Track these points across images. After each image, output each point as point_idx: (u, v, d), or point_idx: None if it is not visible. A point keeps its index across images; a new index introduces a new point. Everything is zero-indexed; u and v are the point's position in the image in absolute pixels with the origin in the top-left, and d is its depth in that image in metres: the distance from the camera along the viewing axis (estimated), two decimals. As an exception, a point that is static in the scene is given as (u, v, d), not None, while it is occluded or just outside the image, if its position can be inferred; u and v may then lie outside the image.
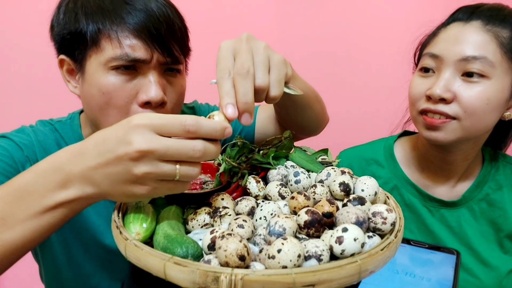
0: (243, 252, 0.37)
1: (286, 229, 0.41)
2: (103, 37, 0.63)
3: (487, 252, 0.79)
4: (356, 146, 0.94)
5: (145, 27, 0.62)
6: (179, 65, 0.69)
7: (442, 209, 0.82)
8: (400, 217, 0.48)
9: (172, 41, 0.66)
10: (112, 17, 0.62)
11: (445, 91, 0.69)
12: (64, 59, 0.68)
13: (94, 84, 0.64)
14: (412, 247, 0.66)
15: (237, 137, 0.63)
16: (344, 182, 0.50)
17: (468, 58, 0.68)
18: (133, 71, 0.64)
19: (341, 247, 0.40)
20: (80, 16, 0.64)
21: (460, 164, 0.81)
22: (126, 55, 0.62)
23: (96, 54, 0.64)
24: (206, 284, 0.36)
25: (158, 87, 0.64)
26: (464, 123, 0.70)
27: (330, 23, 1.38)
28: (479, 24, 0.70)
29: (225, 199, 0.50)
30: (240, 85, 0.46)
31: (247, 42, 0.50)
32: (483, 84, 0.69)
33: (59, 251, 0.75)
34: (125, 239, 0.42)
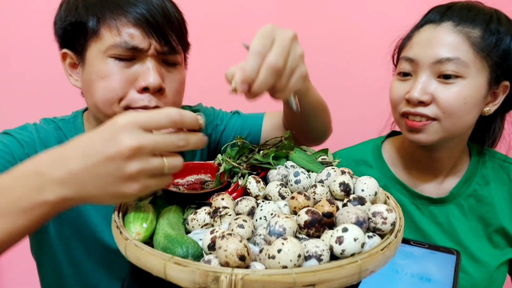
0: (243, 252, 0.37)
1: (286, 229, 0.41)
2: (103, 26, 0.65)
3: (477, 248, 0.80)
4: (346, 148, 0.95)
5: (144, 17, 0.64)
6: (176, 55, 0.70)
7: (430, 206, 0.83)
8: (400, 217, 0.48)
9: (170, 31, 0.67)
10: (112, 7, 0.65)
11: (423, 94, 0.71)
12: (66, 53, 0.70)
13: (94, 70, 0.66)
14: (412, 247, 0.66)
15: (237, 137, 0.63)
16: (344, 182, 0.50)
17: (442, 60, 0.70)
18: (131, 60, 0.66)
19: (341, 247, 0.40)
20: (80, 8, 0.66)
21: (446, 161, 0.82)
22: (125, 42, 0.64)
23: (96, 43, 0.66)
24: (206, 284, 0.36)
25: (156, 74, 0.65)
26: (444, 124, 0.72)
27: (323, 22, 1.38)
28: (450, 25, 0.72)
29: (225, 199, 0.50)
30: (264, 75, 0.49)
31: (291, 41, 0.52)
32: (459, 84, 0.70)
33: (59, 249, 0.75)
34: (125, 239, 0.42)
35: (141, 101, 0.66)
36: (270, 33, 0.51)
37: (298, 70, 0.54)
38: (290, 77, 0.53)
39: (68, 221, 0.73)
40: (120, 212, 0.49)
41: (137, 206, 0.50)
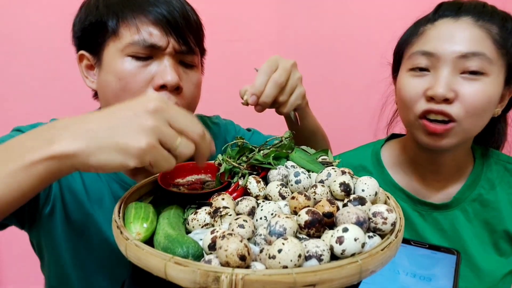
0: (244, 252, 0.37)
1: (287, 229, 0.41)
2: (122, 26, 0.66)
3: (482, 256, 0.77)
4: (343, 153, 0.91)
5: (163, 16, 0.65)
6: (194, 56, 0.71)
7: (434, 213, 0.79)
8: (400, 217, 0.48)
9: (188, 31, 0.68)
10: (132, 7, 0.66)
11: (448, 91, 0.66)
12: (83, 54, 0.71)
13: (111, 70, 0.66)
14: (413, 247, 0.66)
15: (237, 137, 0.63)
16: (345, 182, 0.50)
17: (467, 54, 0.66)
18: (148, 59, 0.66)
19: (342, 247, 0.40)
20: (101, 8, 0.68)
21: (449, 165, 0.79)
22: (143, 40, 0.65)
23: (114, 42, 0.66)
24: (206, 284, 0.36)
25: (174, 72, 0.66)
26: (464, 125, 0.68)
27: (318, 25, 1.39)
28: (470, 20, 0.69)
29: (226, 199, 0.50)
30: (269, 88, 0.64)
31: (291, 66, 0.68)
32: (483, 81, 0.67)
33: (64, 249, 0.75)
34: (126, 239, 0.42)
35: None
36: (276, 60, 0.66)
37: (297, 89, 0.69)
38: (290, 94, 0.68)
39: (76, 222, 0.73)
40: (121, 212, 0.49)
41: (138, 206, 0.50)
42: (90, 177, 0.74)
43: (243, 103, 0.65)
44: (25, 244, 0.82)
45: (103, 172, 0.44)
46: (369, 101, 1.41)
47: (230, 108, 0.97)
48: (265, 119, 1.29)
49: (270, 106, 0.69)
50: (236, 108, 1.01)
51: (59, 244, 0.74)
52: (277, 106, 0.68)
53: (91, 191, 0.74)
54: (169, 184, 0.60)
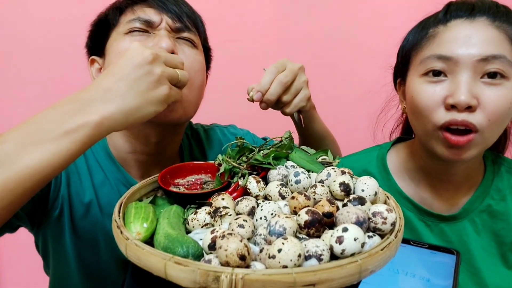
0: (244, 251, 0.38)
1: (287, 229, 0.41)
2: (122, 15, 0.72)
3: (489, 269, 0.73)
4: (348, 156, 0.88)
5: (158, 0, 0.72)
6: (190, 33, 0.74)
7: (441, 223, 0.75)
8: (400, 217, 0.48)
9: (181, 10, 0.73)
10: (134, 1, 0.73)
11: (471, 98, 0.62)
12: (94, 59, 0.77)
13: (112, 51, 0.71)
14: (412, 247, 0.66)
15: (238, 138, 0.63)
16: (344, 182, 0.50)
17: (488, 57, 0.62)
18: (145, 32, 0.71)
19: (341, 247, 0.40)
20: (108, 10, 0.75)
21: (461, 175, 0.74)
22: (138, 17, 0.70)
23: (115, 29, 0.72)
24: (206, 283, 0.36)
25: (168, 39, 0.69)
26: (485, 134, 0.64)
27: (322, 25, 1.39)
28: (486, 20, 0.64)
29: (226, 199, 0.50)
30: (274, 86, 0.68)
31: (298, 69, 0.71)
32: (505, 86, 0.63)
33: (71, 254, 0.75)
34: (126, 239, 0.42)
35: None
36: (284, 62, 0.70)
37: (302, 91, 0.71)
38: (295, 95, 0.71)
39: (84, 228, 0.74)
40: (121, 211, 0.49)
41: (138, 206, 0.50)
42: (99, 181, 0.75)
43: (248, 99, 0.69)
44: (26, 245, 0.82)
45: (140, 122, 0.53)
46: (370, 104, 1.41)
47: (231, 108, 0.97)
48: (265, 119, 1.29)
49: (275, 106, 0.72)
50: (237, 107, 1.01)
51: (66, 249, 0.74)
52: (282, 106, 0.71)
53: (101, 197, 0.75)
54: (169, 184, 0.60)
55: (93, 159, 0.76)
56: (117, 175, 0.76)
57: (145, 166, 0.78)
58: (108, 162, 0.76)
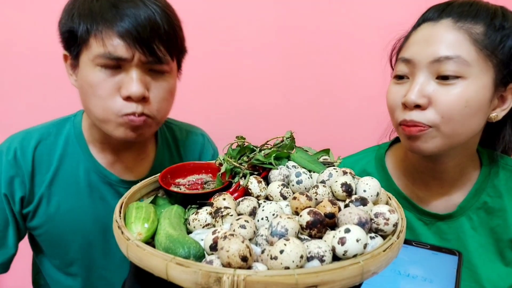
0: (245, 252, 0.37)
1: (288, 230, 0.41)
2: (91, 36, 0.68)
3: (486, 266, 0.74)
4: (347, 157, 0.88)
5: (127, 30, 0.66)
6: (163, 65, 0.71)
7: (438, 222, 0.77)
8: (402, 218, 0.48)
9: (156, 42, 0.69)
10: (99, 19, 0.67)
11: (420, 97, 0.66)
12: (66, 55, 0.75)
13: (83, 77, 0.70)
14: (414, 248, 0.66)
15: (238, 137, 0.63)
16: (346, 183, 0.50)
17: (441, 58, 0.64)
18: (117, 69, 0.69)
19: (344, 248, 0.39)
20: (75, 16, 0.70)
21: (452, 171, 0.76)
22: (109, 53, 0.67)
23: (86, 50, 0.69)
24: (208, 284, 0.36)
25: (139, 83, 0.68)
26: (444, 130, 0.66)
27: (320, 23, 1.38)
28: (449, 22, 0.67)
29: (227, 199, 0.50)
30: None
31: None
32: (460, 85, 0.64)
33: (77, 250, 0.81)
34: (127, 239, 0.42)
35: (128, 108, 0.69)
36: None
37: None
38: None
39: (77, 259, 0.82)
40: (122, 212, 0.49)
41: (139, 206, 0.50)
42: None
43: None
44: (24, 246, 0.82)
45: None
46: (371, 104, 1.41)
47: (230, 108, 0.96)
48: (266, 119, 1.29)
49: None
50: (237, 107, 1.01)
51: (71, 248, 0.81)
52: None
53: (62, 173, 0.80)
54: (170, 183, 0.60)
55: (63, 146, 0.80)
56: (87, 163, 0.80)
57: (117, 151, 0.82)
58: (81, 150, 0.80)
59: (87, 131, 0.81)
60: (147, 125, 0.72)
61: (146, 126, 0.72)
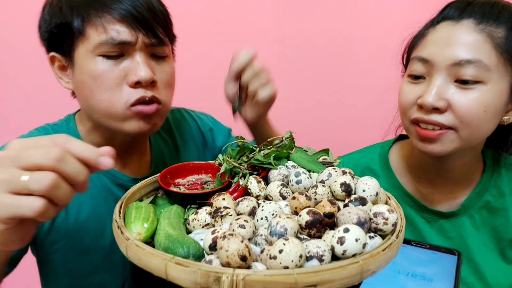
0: (245, 252, 0.37)
1: (288, 230, 0.41)
2: (88, 26, 0.65)
3: (489, 264, 0.75)
4: (351, 153, 0.89)
5: (129, 11, 0.65)
6: (164, 47, 0.70)
7: (440, 220, 0.77)
8: (401, 217, 0.48)
9: (155, 23, 0.68)
10: (96, 6, 0.65)
11: (438, 100, 0.64)
12: (54, 56, 0.70)
13: (84, 71, 0.66)
14: (414, 248, 0.66)
15: (238, 137, 0.63)
16: (345, 183, 0.50)
17: (461, 62, 0.63)
18: (120, 57, 0.66)
19: (343, 248, 0.39)
20: (65, 9, 0.66)
21: (458, 171, 0.76)
22: (111, 39, 0.64)
23: (83, 43, 0.66)
24: (207, 284, 0.36)
25: (147, 67, 0.66)
26: (462, 133, 0.65)
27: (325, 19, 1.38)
28: (471, 23, 0.65)
29: (226, 199, 0.50)
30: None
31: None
32: (479, 90, 0.63)
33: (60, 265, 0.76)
34: (126, 239, 0.42)
35: (137, 93, 0.66)
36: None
37: (270, 85, 0.75)
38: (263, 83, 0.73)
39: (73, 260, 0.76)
40: (121, 212, 0.49)
41: (138, 206, 0.50)
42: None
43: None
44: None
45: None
46: (373, 103, 1.41)
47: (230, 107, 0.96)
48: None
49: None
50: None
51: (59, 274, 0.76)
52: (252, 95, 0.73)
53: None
54: (170, 184, 0.60)
55: None
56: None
57: (122, 152, 0.79)
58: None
59: (86, 137, 0.76)
60: (159, 114, 0.70)
61: (158, 115, 0.71)
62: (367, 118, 1.43)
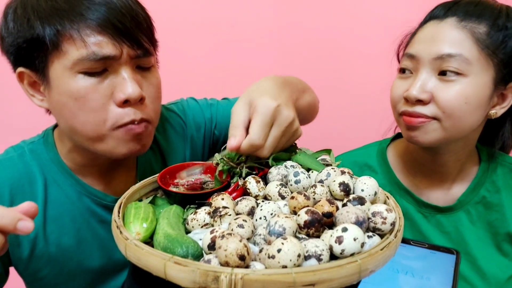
0: (243, 251, 0.38)
1: (286, 229, 0.41)
2: (64, 39, 0.57)
3: (486, 258, 0.77)
4: (349, 151, 0.91)
5: (109, 21, 0.57)
6: (150, 57, 0.64)
7: (437, 215, 0.79)
8: (399, 217, 0.48)
9: (140, 32, 0.61)
10: (71, 16, 0.57)
11: (421, 92, 0.68)
12: (23, 72, 0.62)
13: (63, 91, 0.59)
14: (412, 247, 0.66)
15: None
16: (344, 182, 0.50)
17: (443, 56, 0.67)
18: (103, 72, 0.59)
19: (341, 247, 0.40)
20: (33, 21, 0.58)
21: (452, 166, 0.79)
22: (93, 53, 0.57)
23: (59, 58, 0.58)
24: (206, 283, 0.36)
25: (134, 83, 0.60)
26: (445, 124, 0.69)
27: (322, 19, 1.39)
28: (454, 21, 0.69)
29: (225, 199, 0.50)
30: (246, 148, 0.54)
31: (285, 129, 0.56)
32: (460, 82, 0.67)
33: None
34: (126, 239, 0.42)
35: (126, 116, 0.61)
36: (269, 121, 0.55)
37: (288, 141, 0.59)
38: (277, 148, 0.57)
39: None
40: (120, 211, 0.49)
41: (137, 206, 0.50)
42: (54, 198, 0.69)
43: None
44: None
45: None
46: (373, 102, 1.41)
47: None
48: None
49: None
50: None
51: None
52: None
53: (56, 216, 0.70)
54: (169, 184, 0.60)
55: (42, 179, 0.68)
56: (76, 188, 0.70)
57: (106, 171, 0.73)
58: (65, 176, 0.70)
59: (66, 156, 0.69)
60: (148, 133, 0.65)
61: (147, 135, 0.65)
62: (369, 118, 1.43)
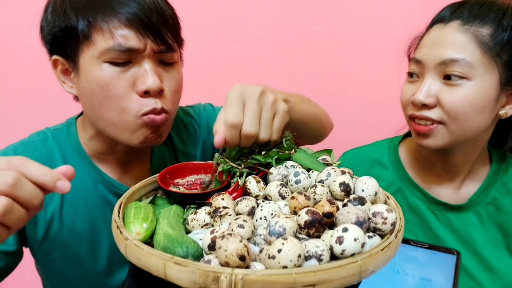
0: (243, 252, 0.37)
1: (286, 229, 0.41)
2: (94, 30, 0.62)
3: (494, 258, 0.77)
4: (359, 147, 0.92)
5: (137, 16, 0.62)
6: (173, 53, 0.68)
7: (447, 213, 0.80)
8: (400, 217, 0.48)
9: (165, 29, 0.65)
10: (103, 9, 0.62)
11: (427, 97, 0.70)
12: (57, 59, 0.68)
13: (91, 78, 0.64)
14: (413, 247, 0.66)
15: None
16: (344, 182, 0.50)
17: (446, 61, 0.68)
18: (127, 63, 0.64)
19: (341, 247, 0.39)
20: (69, 12, 0.63)
21: (462, 166, 0.80)
22: (119, 45, 0.61)
23: (89, 48, 0.63)
24: (206, 284, 0.36)
25: (155, 75, 0.64)
26: (451, 127, 0.70)
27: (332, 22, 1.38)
28: (457, 24, 0.69)
29: (226, 199, 0.50)
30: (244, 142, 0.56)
31: (258, 99, 0.56)
32: (465, 86, 0.68)
33: None
34: (126, 239, 0.42)
35: (148, 105, 0.64)
36: (238, 98, 0.56)
37: (276, 118, 0.58)
38: (270, 128, 0.57)
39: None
40: (120, 212, 0.49)
41: (137, 206, 0.50)
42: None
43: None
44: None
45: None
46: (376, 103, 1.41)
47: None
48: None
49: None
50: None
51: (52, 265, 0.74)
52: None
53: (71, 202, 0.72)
54: (169, 184, 0.60)
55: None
56: (93, 176, 0.74)
57: (123, 161, 0.77)
58: (83, 163, 0.73)
59: (86, 144, 0.74)
60: (166, 124, 0.68)
61: (165, 126, 0.68)
62: (366, 118, 1.43)
